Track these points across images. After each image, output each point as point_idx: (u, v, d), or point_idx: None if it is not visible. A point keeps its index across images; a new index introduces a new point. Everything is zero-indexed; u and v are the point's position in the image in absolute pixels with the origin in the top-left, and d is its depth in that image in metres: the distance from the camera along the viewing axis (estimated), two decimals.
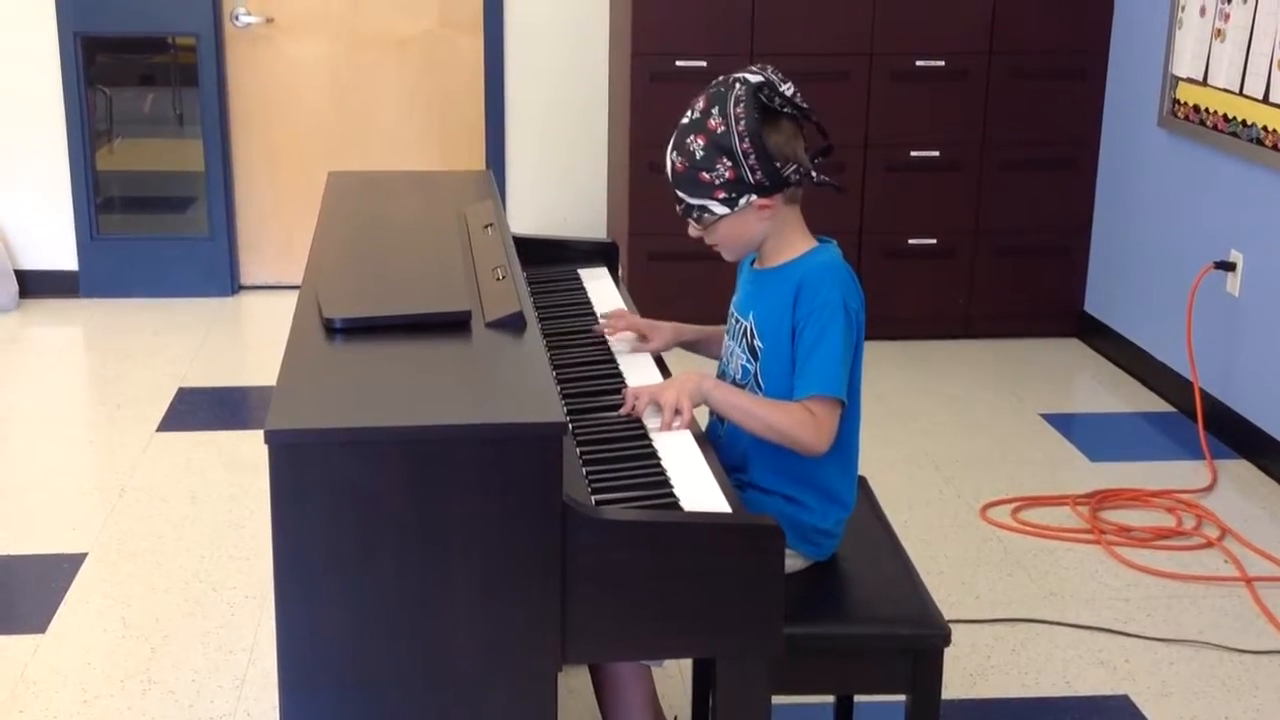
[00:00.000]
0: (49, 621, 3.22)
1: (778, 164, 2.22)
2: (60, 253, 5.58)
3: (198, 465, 4.11)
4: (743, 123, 2.20)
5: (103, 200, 5.66)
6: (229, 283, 5.68)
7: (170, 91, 5.97)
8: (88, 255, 5.58)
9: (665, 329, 2.60)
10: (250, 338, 5.42)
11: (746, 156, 2.20)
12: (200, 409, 4.55)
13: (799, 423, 2.21)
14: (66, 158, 5.48)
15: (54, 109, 5.43)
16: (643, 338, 2.60)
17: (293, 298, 5.94)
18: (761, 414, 2.24)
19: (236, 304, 5.65)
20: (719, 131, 2.21)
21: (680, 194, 2.28)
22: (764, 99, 2.23)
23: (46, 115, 5.44)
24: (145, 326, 5.33)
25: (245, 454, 4.17)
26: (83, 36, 5.39)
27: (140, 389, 4.68)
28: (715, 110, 2.23)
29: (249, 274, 5.77)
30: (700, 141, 2.23)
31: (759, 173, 2.22)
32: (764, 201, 2.25)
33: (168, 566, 3.50)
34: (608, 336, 2.61)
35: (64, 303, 5.56)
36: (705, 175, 2.23)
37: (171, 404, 4.55)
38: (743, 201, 2.24)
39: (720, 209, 2.25)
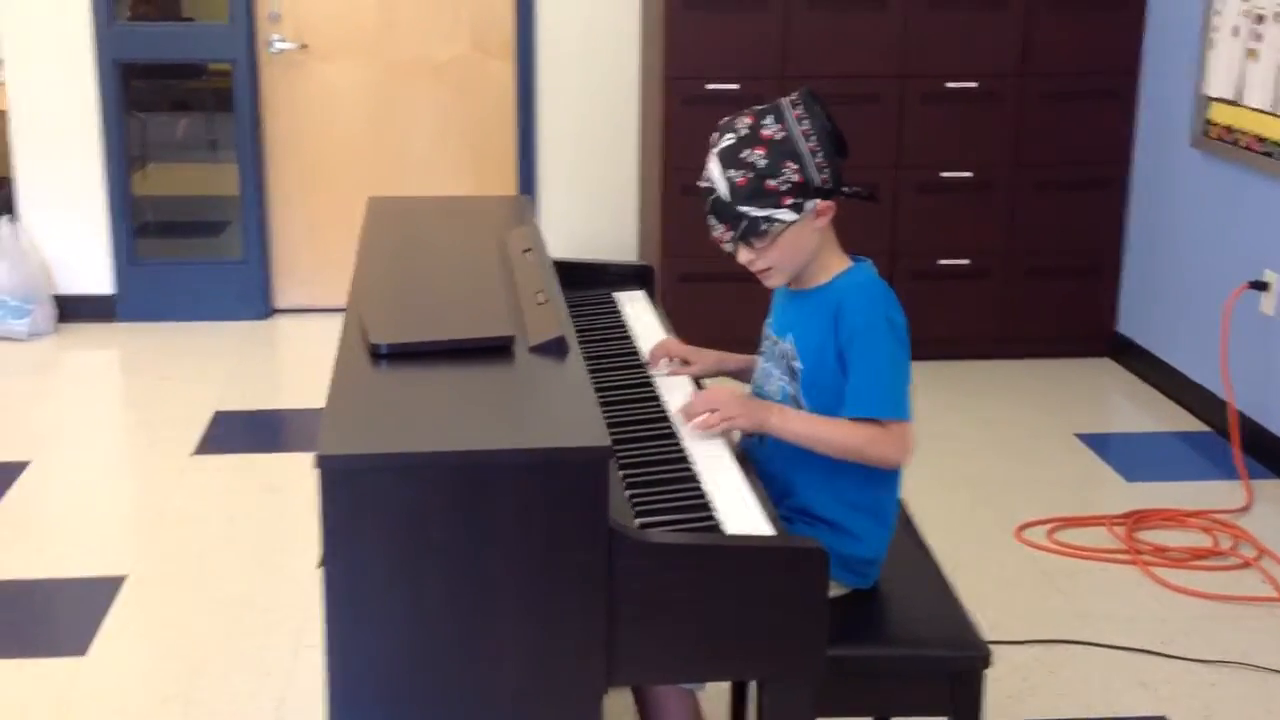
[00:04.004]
0: (89, 644, 3.24)
1: (840, 163, 2.26)
2: (97, 277, 5.64)
3: (235, 488, 4.14)
4: (806, 122, 2.24)
5: (139, 225, 5.71)
6: (263, 306, 5.72)
7: (203, 116, 6.04)
8: (125, 280, 5.64)
9: (709, 355, 2.61)
10: (285, 361, 5.46)
11: (815, 154, 2.23)
12: (236, 432, 4.59)
13: (872, 439, 2.22)
14: (104, 184, 5.54)
15: (91, 135, 5.49)
16: (685, 363, 2.61)
17: (326, 320, 5.99)
18: (831, 437, 2.24)
19: (271, 327, 5.69)
20: (779, 137, 2.23)
21: (742, 210, 2.24)
22: (820, 105, 2.27)
23: (84, 141, 5.50)
24: (181, 350, 5.38)
25: (282, 477, 4.20)
26: (120, 64, 5.45)
27: (177, 412, 4.71)
28: (769, 120, 2.25)
29: (283, 297, 5.81)
30: (760, 152, 2.24)
31: (825, 171, 2.24)
32: (824, 206, 2.27)
33: (206, 589, 3.53)
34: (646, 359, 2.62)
35: (101, 327, 5.62)
36: (771, 183, 2.23)
37: (208, 427, 4.59)
38: (809, 206, 2.25)
39: (788, 215, 2.24)
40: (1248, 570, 3.64)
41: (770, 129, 2.24)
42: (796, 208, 2.25)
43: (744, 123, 2.28)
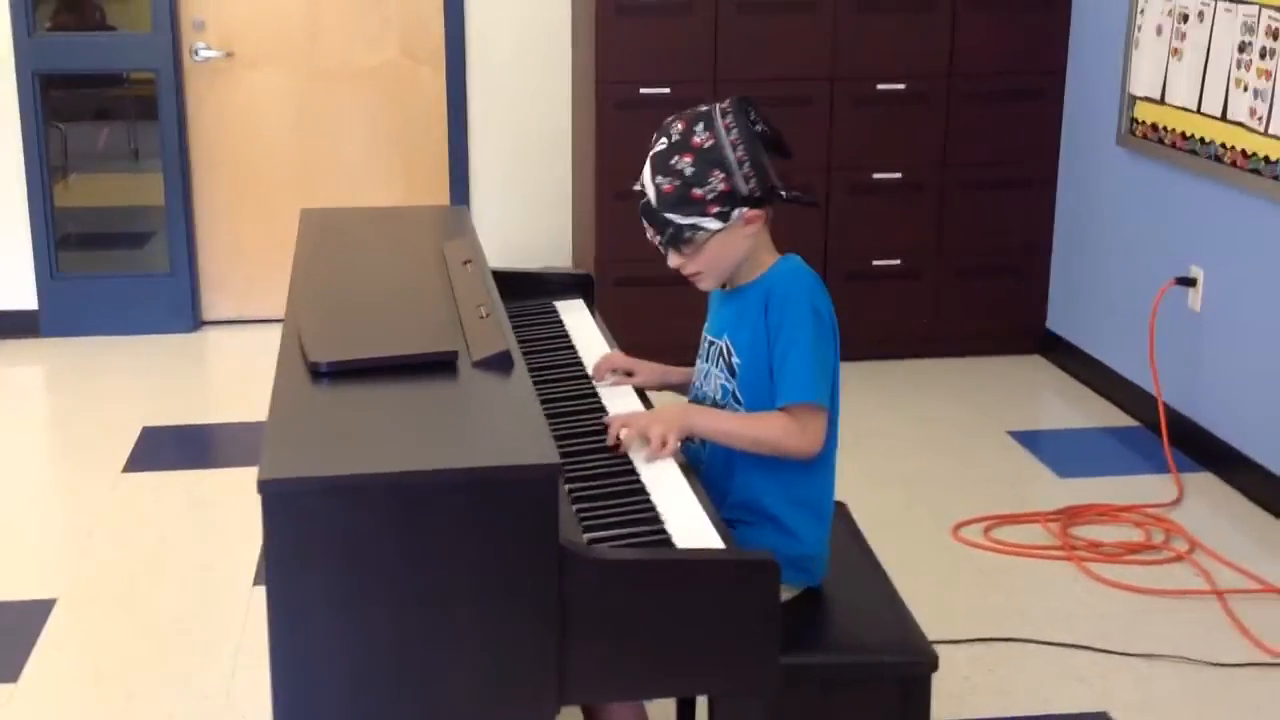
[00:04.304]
0: (20, 670, 3.18)
1: (769, 173, 2.26)
2: (19, 292, 5.53)
3: (166, 506, 4.07)
4: (734, 132, 2.24)
5: (60, 237, 5.61)
6: (191, 319, 5.64)
7: (125, 125, 5.94)
8: (47, 294, 5.53)
9: (654, 368, 2.61)
10: (214, 374, 5.38)
11: (741, 165, 2.24)
12: (166, 448, 4.51)
13: (783, 430, 2.24)
14: (24, 197, 5.43)
15: (11, 147, 5.38)
16: (628, 374, 2.60)
17: (256, 332, 5.92)
18: (746, 431, 2.27)
19: (199, 340, 5.61)
20: (708, 145, 2.24)
21: (668, 217, 2.27)
22: (751, 114, 2.27)
23: (3, 154, 5.39)
24: (107, 365, 5.29)
25: (213, 493, 4.14)
26: (40, 75, 5.35)
27: (104, 429, 4.63)
28: (700, 127, 2.25)
29: (211, 309, 5.73)
30: (688, 159, 2.24)
31: (752, 181, 2.25)
32: (752, 214, 2.27)
33: (139, 610, 3.47)
34: (589, 368, 2.62)
35: (24, 343, 5.50)
36: (698, 191, 2.25)
37: (137, 443, 4.51)
38: (735, 215, 2.26)
39: (713, 224, 2.26)
40: (1180, 564, 3.70)
41: (700, 136, 2.25)
42: (722, 216, 2.26)
43: (677, 128, 2.28)
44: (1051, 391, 5.08)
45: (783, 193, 2.31)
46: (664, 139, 2.29)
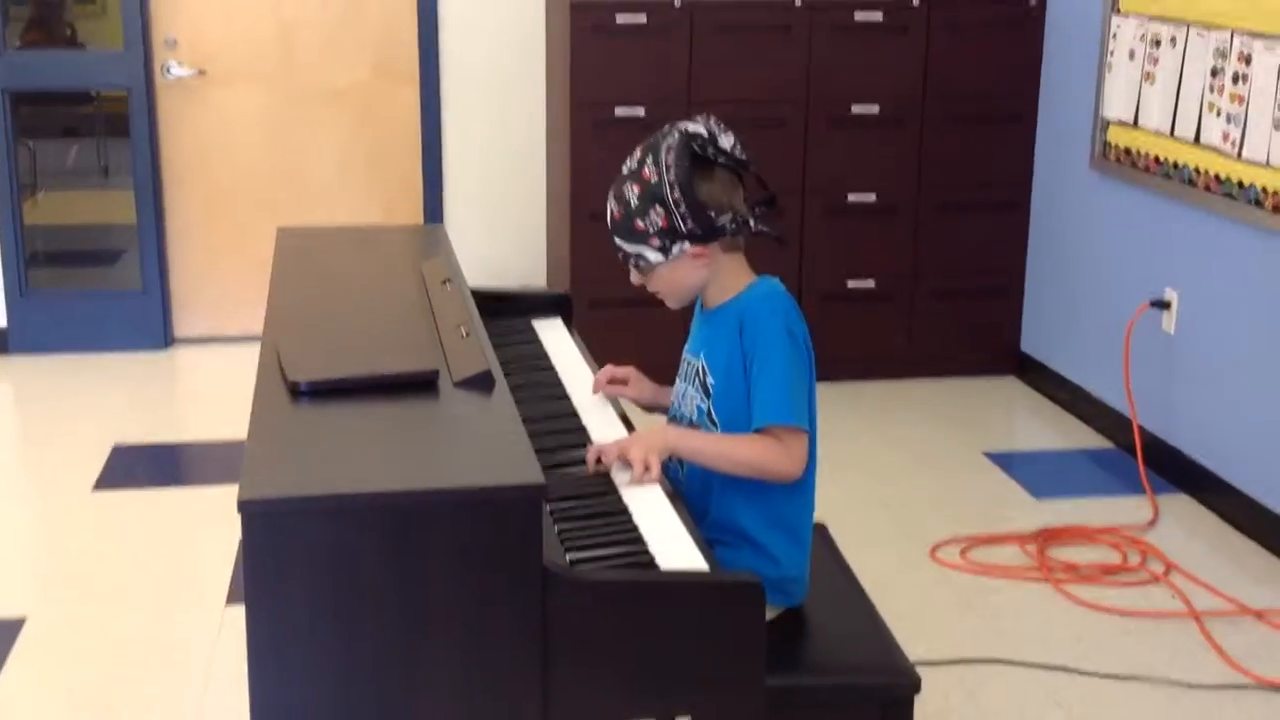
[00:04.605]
0: None
1: (711, 213, 2.25)
2: None
3: (137, 525, 4.03)
4: (673, 171, 2.23)
5: (30, 255, 5.56)
6: (162, 336, 5.60)
7: (94, 143, 5.90)
8: (17, 312, 5.48)
9: (648, 384, 2.60)
10: (186, 392, 5.34)
11: (677, 205, 2.24)
12: (138, 467, 4.47)
13: (765, 450, 2.24)
14: None
15: None
16: (622, 382, 2.59)
17: (229, 350, 5.86)
18: (728, 452, 2.26)
19: (171, 358, 5.56)
20: (652, 181, 2.25)
21: (618, 241, 2.32)
22: (696, 148, 2.25)
23: None
24: (78, 383, 5.24)
25: (185, 511, 4.10)
26: (10, 92, 5.31)
27: (75, 447, 4.58)
28: (649, 159, 2.26)
29: (183, 327, 5.69)
30: (635, 190, 2.26)
31: (690, 221, 2.25)
32: (697, 250, 2.28)
33: (111, 630, 3.42)
34: (569, 389, 2.60)
35: None
36: (640, 223, 2.27)
37: (108, 462, 4.46)
38: (676, 249, 2.27)
39: (655, 256, 2.29)
40: (1157, 585, 3.70)
41: (649, 169, 2.26)
42: (663, 250, 2.28)
43: (635, 155, 2.30)
44: (1027, 413, 5.09)
45: (750, 224, 2.29)
46: (628, 161, 2.31)
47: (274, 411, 2.03)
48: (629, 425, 2.49)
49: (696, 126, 2.28)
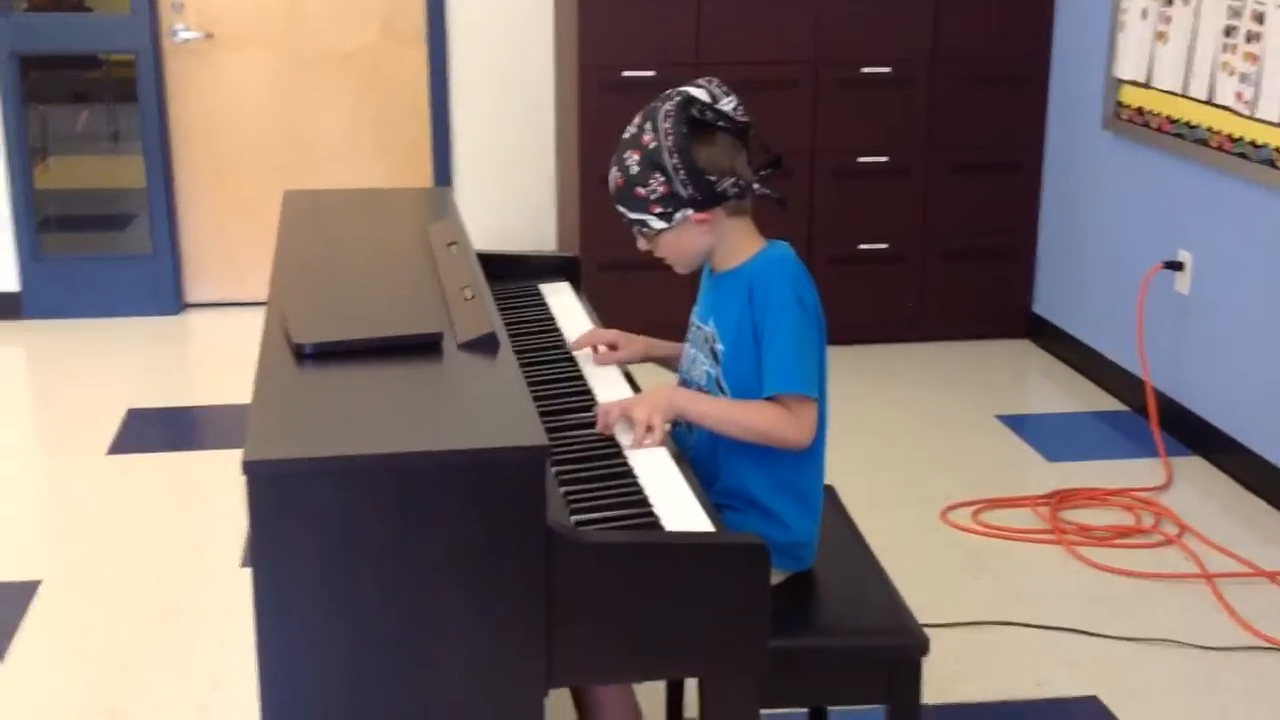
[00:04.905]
0: (5, 651, 3.16)
1: (711, 178, 2.23)
2: (1, 274, 5.48)
3: (151, 487, 4.04)
4: (671, 138, 2.21)
5: (41, 220, 5.56)
6: (174, 301, 5.60)
7: (104, 107, 5.89)
8: (29, 276, 5.49)
9: (636, 340, 2.59)
10: (198, 356, 5.35)
11: (677, 172, 2.21)
12: (151, 430, 4.48)
13: (775, 418, 2.22)
14: (4, 178, 5.38)
15: None
16: (612, 347, 2.59)
17: (240, 314, 5.88)
18: (737, 417, 2.24)
19: (182, 322, 5.57)
20: (651, 147, 2.22)
21: (620, 208, 2.29)
22: (695, 113, 2.23)
23: None
24: (91, 347, 5.25)
25: (198, 475, 4.11)
26: (19, 55, 5.30)
27: (88, 411, 4.60)
28: (648, 125, 2.24)
29: (194, 291, 5.69)
30: (635, 157, 2.24)
31: (690, 188, 2.23)
32: (700, 216, 2.26)
33: (124, 592, 3.44)
34: (574, 352, 2.59)
35: (6, 325, 5.46)
36: (640, 190, 2.24)
37: (121, 426, 4.48)
38: (678, 216, 2.25)
39: (657, 223, 2.27)
40: (1170, 547, 3.69)
41: (648, 135, 2.24)
42: (665, 217, 2.26)
43: (636, 121, 2.27)
44: (1040, 375, 5.07)
45: (753, 187, 2.27)
46: (630, 128, 2.28)
47: (279, 374, 2.02)
48: (635, 387, 2.48)
49: (696, 90, 2.25)
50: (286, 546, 1.75)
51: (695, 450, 2.35)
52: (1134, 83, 4.52)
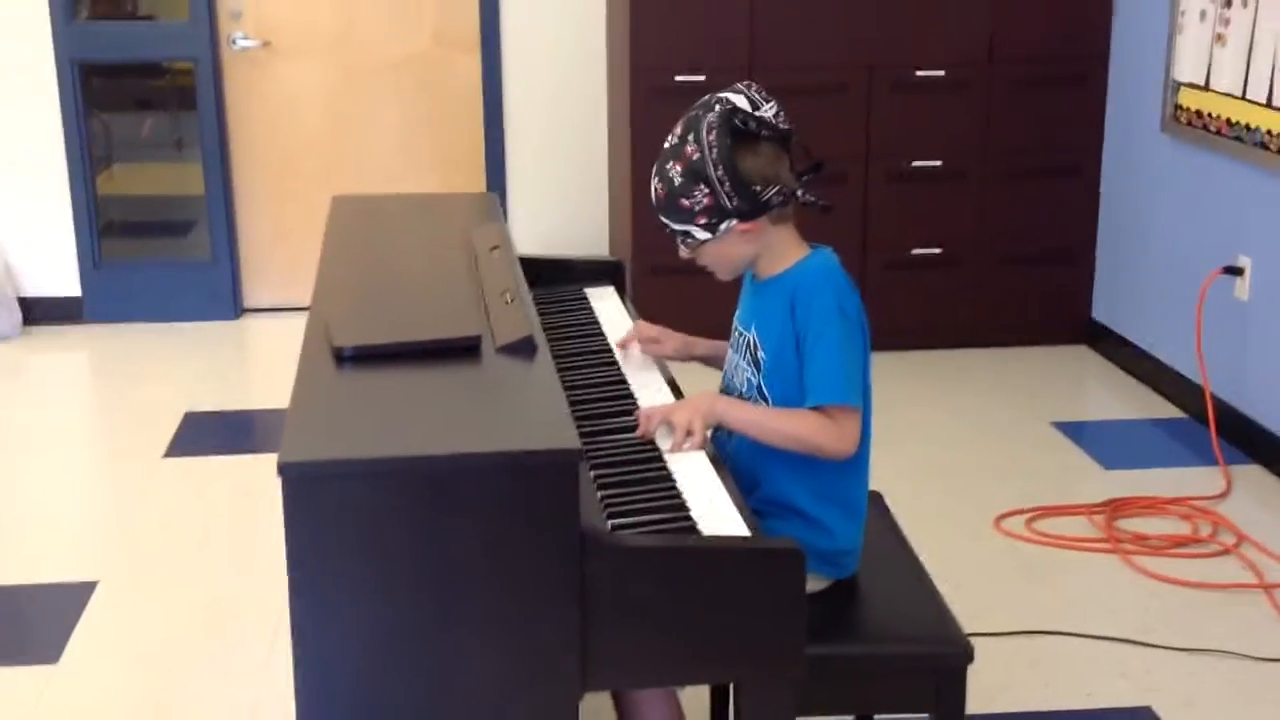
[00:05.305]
0: (60, 652, 3.20)
1: (756, 188, 2.20)
2: (63, 279, 5.57)
3: (207, 491, 4.09)
4: (715, 150, 2.18)
5: (103, 225, 5.64)
6: (232, 306, 5.66)
7: (167, 116, 5.97)
8: (91, 281, 5.57)
9: (676, 336, 2.59)
10: (255, 361, 5.40)
11: (721, 184, 2.19)
12: (208, 434, 4.53)
13: (818, 428, 2.20)
14: (67, 184, 5.47)
15: (54, 136, 5.42)
16: (654, 341, 2.58)
17: (297, 320, 5.90)
18: (778, 425, 2.23)
19: (240, 327, 5.63)
20: (694, 159, 2.20)
21: (663, 219, 2.27)
22: (738, 124, 2.20)
23: (47, 142, 5.43)
24: (150, 351, 5.32)
25: (254, 479, 4.15)
26: (80, 63, 5.38)
27: (146, 414, 4.66)
28: (690, 136, 2.21)
29: (252, 297, 5.75)
30: (678, 168, 2.22)
31: (735, 199, 2.20)
32: (745, 226, 2.23)
33: (179, 594, 3.48)
34: (618, 355, 2.59)
35: (68, 329, 5.55)
36: (684, 202, 2.22)
37: (179, 429, 4.53)
38: (723, 227, 2.23)
39: (702, 234, 2.25)
40: (1227, 557, 3.63)
41: (690, 146, 2.21)
42: (710, 228, 2.23)
43: (678, 131, 2.25)
44: (1097, 382, 5.01)
45: (797, 195, 2.25)
46: (670, 138, 2.26)
47: (318, 376, 2.04)
48: (678, 393, 2.47)
49: (736, 98, 2.23)
50: (321, 547, 1.76)
51: (735, 457, 2.33)
52: (1192, 85, 4.46)
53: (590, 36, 5.49)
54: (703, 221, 2.23)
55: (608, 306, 2.89)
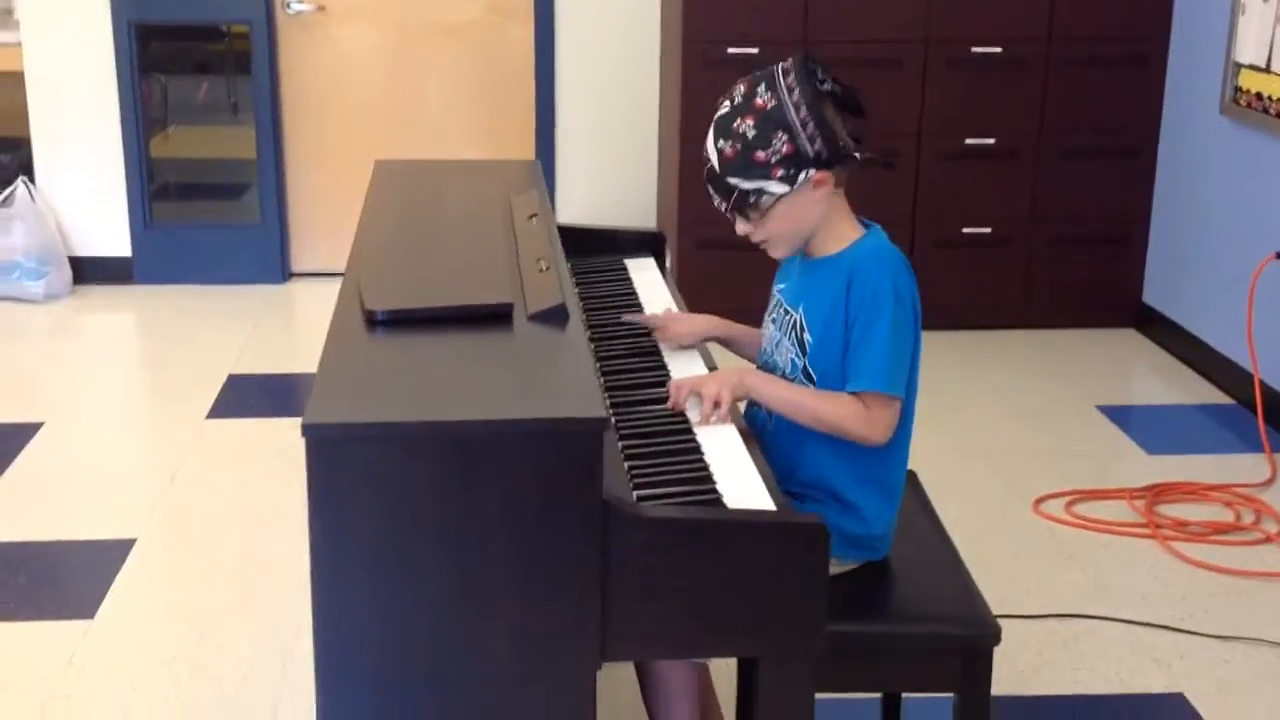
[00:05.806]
0: (97, 607, 3.24)
1: (835, 134, 2.19)
2: (114, 239, 5.62)
3: (247, 452, 4.12)
4: (796, 92, 2.17)
5: (157, 187, 5.69)
6: (280, 270, 5.70)
7: (224, 79, 6.00)
8: (141, 242, 5.62)
9: (696, 318, 2.56)
10: (300, 325, 5.44)
11: (805, 125, 2.16)
12: (250, 396, 4.57)
13: (849, 414, 2.18)
14: (121, 145, 5.51)
15: (108, 97, 5.46)
16: (662, 329, 2.55)
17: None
18: (810, 405, 2.21)
19: (287, 291, 5.66)
20: (770, 106, 2.17)
21: (732, 182, 2.21)
22: (818, 75, 2.20)
23: (101, 103, 5.47)
24: (197, 313, 5.36)
25: (294, 441, 4.14)
26: (137, 25, 5.42)
27: (191, 375, 4.70)
28: (761, 88, 2.19)
29: (300, 261, 5.78)
30: (750, 121, 2.18)
31: (818, 142, 2.17)
32: (821, 176, 2.20)
33: (216, 553, 3.51)
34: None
35: (117, 289, 5.60)
36: (761, 154, 2.18)
37: (222, 391, 4.57)
38: (802, 177, 2.18)
39: (779, 188, 2.19)
40: (1269, 545, 3.58)
41: (763, 98, 2.18)
42: (788, 179, 2.19)
43: (740, 91, 2.23)
44: (1145, 366, 4.95)
45: (855, 154, 2.23)
46: (727, 102, 2.23)
47: (350, 339, 2.04)
48: (712, 366, 2.46)
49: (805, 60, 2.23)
50: (343, 510, 1.77)
51: (774, 438, 2.30)
52: (1253, 67, 4.38)
53: (644, 8, 5.46)
54: (780, 174, 2.18)
55: (647, 278, 2.88)
